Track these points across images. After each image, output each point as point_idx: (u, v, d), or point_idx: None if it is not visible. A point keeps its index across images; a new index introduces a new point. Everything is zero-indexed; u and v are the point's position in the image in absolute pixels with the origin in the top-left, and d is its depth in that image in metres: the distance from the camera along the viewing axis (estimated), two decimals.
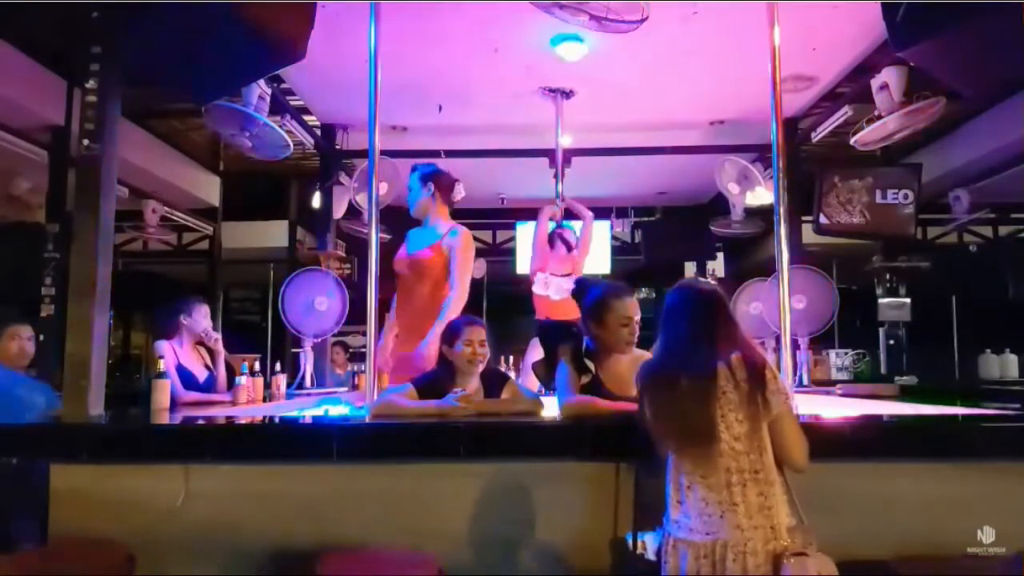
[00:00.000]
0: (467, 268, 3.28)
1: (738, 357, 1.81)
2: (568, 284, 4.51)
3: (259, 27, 2.53)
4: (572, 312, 4.22)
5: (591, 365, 2.48)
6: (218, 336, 3.86)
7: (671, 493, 1.84)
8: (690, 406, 1.79)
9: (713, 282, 2.08)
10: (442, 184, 3.45)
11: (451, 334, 2.64)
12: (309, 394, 4.27)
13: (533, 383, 4.35)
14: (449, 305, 3.14)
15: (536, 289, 4.53)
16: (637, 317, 2.45)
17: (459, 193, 3.52)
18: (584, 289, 2.58)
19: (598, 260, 6.05)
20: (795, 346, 4.48)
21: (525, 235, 8.17)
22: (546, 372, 2.60)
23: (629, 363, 2.42)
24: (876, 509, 2.18)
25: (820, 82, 5.28)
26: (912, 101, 4.45)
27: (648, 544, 1.94)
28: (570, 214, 5.19)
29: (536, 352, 4.48)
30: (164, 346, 3.60)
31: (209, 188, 8.27)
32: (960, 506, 2.17)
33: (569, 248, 4.72)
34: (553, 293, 4.48)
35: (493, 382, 2.71)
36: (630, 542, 1.99)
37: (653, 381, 1.91)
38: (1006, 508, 2.16)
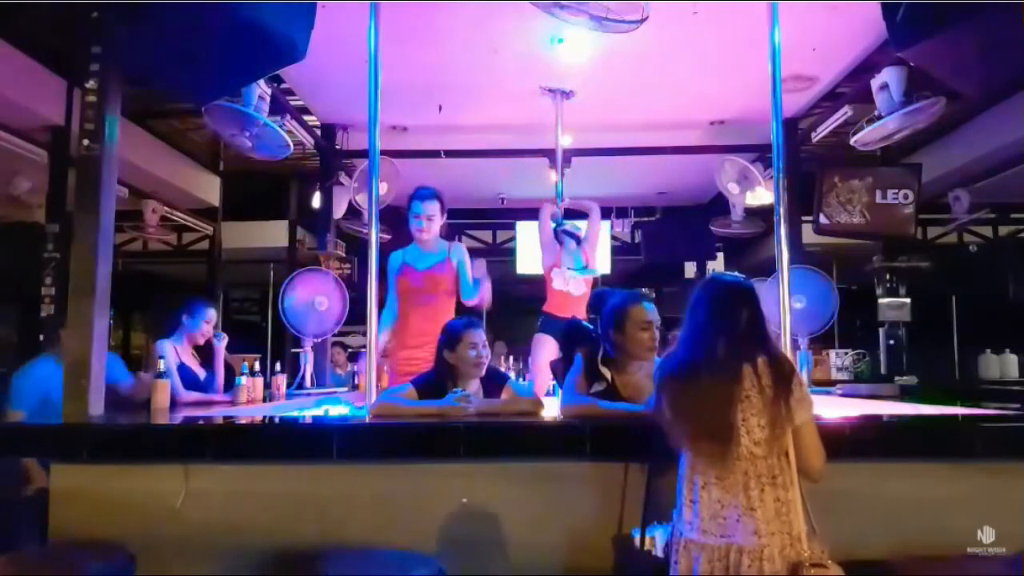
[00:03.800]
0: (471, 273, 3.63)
1: (764, 360, 1.76)
2: (585, 278, 4.52)
3: (259, 27, 2.53)
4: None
5: (607, 373, 2.48)
6: (226, 337, 3.87)
7: (683, 492, 1.81)
8: (711, 407, 1.75)
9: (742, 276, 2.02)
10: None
11: (452, 338, 2.63)
12: (309, 394, 4.27)
13: (543, 382, 4.33)
14: (483, 289, 3.52)
15: (556, 285, 4.53)
16: (657, 321, 2.44)
17: None
18: (602, 299, 2.60)
19: (599, 260, 6.03)
20: (795, 346, 4.48)
21: (525, 234, 8.19)
22: (565, 371, 2.61)
23: (647, 373, 2.39)
24: (876, 509, 2.18)
25: (820, 82, 5.28)
26: (912, 101, 4.45)
27: (656, 540, 1.91)
28: (572, 213, 5.19)
29: (543, 348, 4.47)
30: (166, 345, 3.60)
31: (209, 188, 8.27)
32: (960, 506, 2.17)
33: (578, 241, 4.73)
34: (573, 289, 4.49)
35: (492, 382, 2.71)
36: (636, 538, 1.97)
37: (673, 377, 1.86)
38: (1006, 508, 2.16)
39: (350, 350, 6.70)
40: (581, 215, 5.12)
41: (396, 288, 3.64)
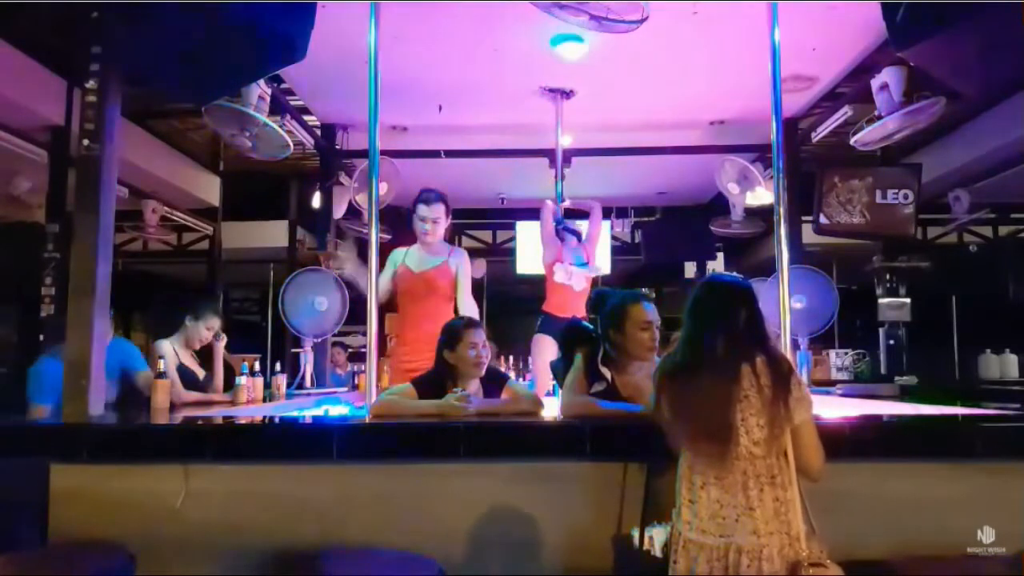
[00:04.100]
0: (470, 285, 3.77)
1: (763, 359, 1.77)
2: (587, 274, 4.52)
3: (259, 27, 2.53)
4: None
5: (607, 373, 2.48)
6: (225, 337, 3.87)
7: (683, 491, 1.82)
8: (710, 406, 1.75)
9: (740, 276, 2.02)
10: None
11: (452, 337, 2.63)
12: (309, 394, 4.27)
13: (544, 383, 4.33)
14: (475, 312, 3.62)
15: (558, 278, 4.53)
16: (657, 321, 2.45)
17: None
18: (602, 299, 2.60)
19: (598, 260, 6.03)
20: (795, 346, 4.48)
21: (526, 233, 8.19)
22: (565, 371, 2.61)
23: (647, 373, 2.39)
24: (876, 509, 2.18)
25: (820, 82, 5.27)
26: (912, 101, 4.45)
27: (656, 539, 1.91)
28: (573, 213, 5.18)
29: (543, 349, 4.47)
30: (165, 346, 3.60)
31: (209, 188, 8.27)
32: (960, 506, 2.17)
33: (579, 238, 4.72)
34: (576, 284, 4.49)
35: (493, 382, 2.72)
36: (635, 537, 1.97)
37: (672, 377, 1.86)
38: (1006, 508, 2.16)
39: (350, 350, 6.70)
40: (582, 215, 5.12)
41: (395, 285, 3.72)
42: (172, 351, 3.62)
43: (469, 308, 3.64)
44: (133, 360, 3.48)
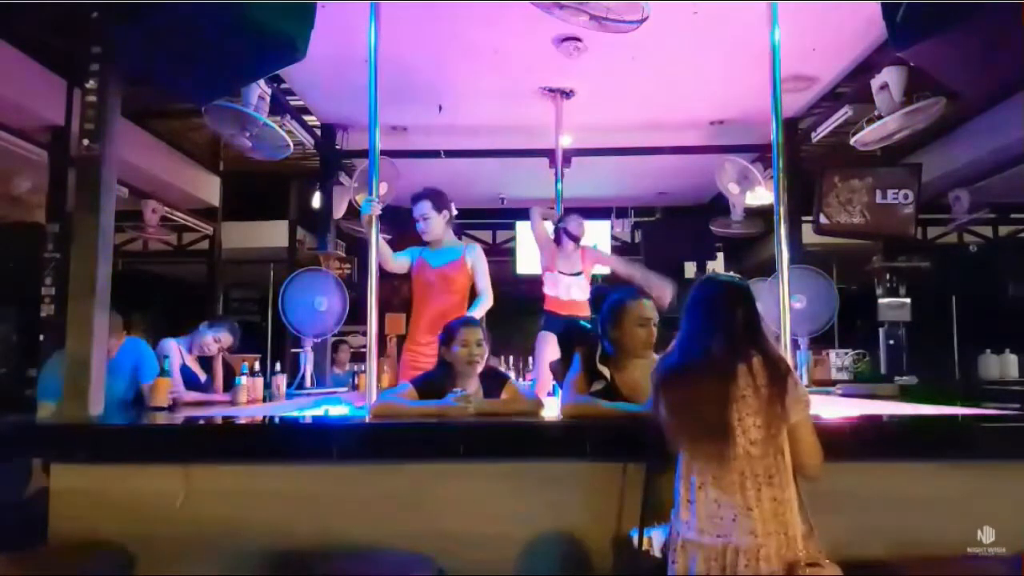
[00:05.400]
0: (488, 276, 3.83)
1: (760, 359, 1.77)
2: (576, 284, 4.50)
3: (259, 27, 2.53)
4: (582, 311, 4.25)
5: (606, 371, 2.48)
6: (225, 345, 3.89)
7: (681, 492, 1.82)
8: (707, 406, 1.76)
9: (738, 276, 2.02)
10: (450, 205, 3.84)
11: (448, 335, 2.65)
12: (309, 394, 4.27)
13: (545, 380, 4.33)
14: (482, 303, 3.72)
15: (547, 289, 4.53)
16: (655, 318, 2.45)
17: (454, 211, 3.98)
18: (601, 296, 2.61)
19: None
20: (795, 346, 4.48)
21: (526, 233, 8.19)
22: (564, 371, 2.61)
23: (645, 371, 2.39)
24: (876, 509, 2.18)
25: (820, 82, 5.27)
26: (912, 101, 4.45)
27: (655, 540, 1.91)
28: (572, 212, 5.17)
29: (547, 346, 4.46)
30: (170, 345, 3.61)
31: (209, 188, 8.26)
32: (960, 506, 2.17)
33: (576, 241, 4.68)
34: (562, 294, 4.47)
35: (493, 382, 2.71)
36: (635, 538, 1.97)
37: (670, 377, 1.87)
38: (1006, 508, 2.16)
39: (351, 350, 6.69)
40: (582, 214, 5.10)
41: (413, 278, 3.83)
42: (176, 351, 3.63)
43: (483, 303, 3.71)
44: (144, 367, 3.44)
